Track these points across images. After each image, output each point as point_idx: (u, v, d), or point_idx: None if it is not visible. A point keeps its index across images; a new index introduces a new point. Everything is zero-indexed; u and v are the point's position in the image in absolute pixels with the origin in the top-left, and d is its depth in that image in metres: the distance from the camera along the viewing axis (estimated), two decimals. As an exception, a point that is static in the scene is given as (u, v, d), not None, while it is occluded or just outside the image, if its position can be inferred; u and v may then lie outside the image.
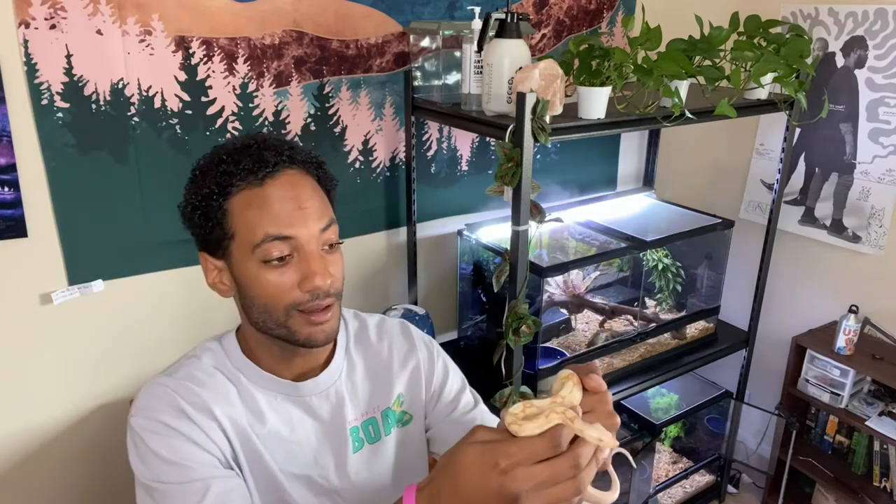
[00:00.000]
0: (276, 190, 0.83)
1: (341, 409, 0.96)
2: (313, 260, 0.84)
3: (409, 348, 1.04)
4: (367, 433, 0.98)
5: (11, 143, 1.43)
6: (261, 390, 0.92)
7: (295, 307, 0.85)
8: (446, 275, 2.21)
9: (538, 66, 1.45)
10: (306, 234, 0.84)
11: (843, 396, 2.16)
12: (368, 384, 1.00)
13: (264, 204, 0.83)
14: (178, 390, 0.86)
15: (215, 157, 0.86)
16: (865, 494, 2.19)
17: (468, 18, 1.70)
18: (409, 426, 1.03)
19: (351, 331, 1.03)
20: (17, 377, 1.60)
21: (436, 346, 1.09)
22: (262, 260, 0.83)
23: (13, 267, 1.52)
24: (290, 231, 0.83)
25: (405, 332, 1.06)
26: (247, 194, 0.83)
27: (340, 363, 0.98)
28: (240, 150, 0.85)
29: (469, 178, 2.15)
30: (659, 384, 2.14)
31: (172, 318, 1.76)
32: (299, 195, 0.84)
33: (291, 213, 0.83)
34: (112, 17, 1.47)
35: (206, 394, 0.88)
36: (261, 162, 0.84)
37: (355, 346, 1.02)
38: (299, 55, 1.72)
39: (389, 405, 1.00)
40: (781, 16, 2.31)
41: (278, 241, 0.82)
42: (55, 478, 1.73)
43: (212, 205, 0.84)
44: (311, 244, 0.84)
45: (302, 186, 0.86)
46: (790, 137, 2.12)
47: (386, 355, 1.03)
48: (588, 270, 2.10)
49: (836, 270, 2.33)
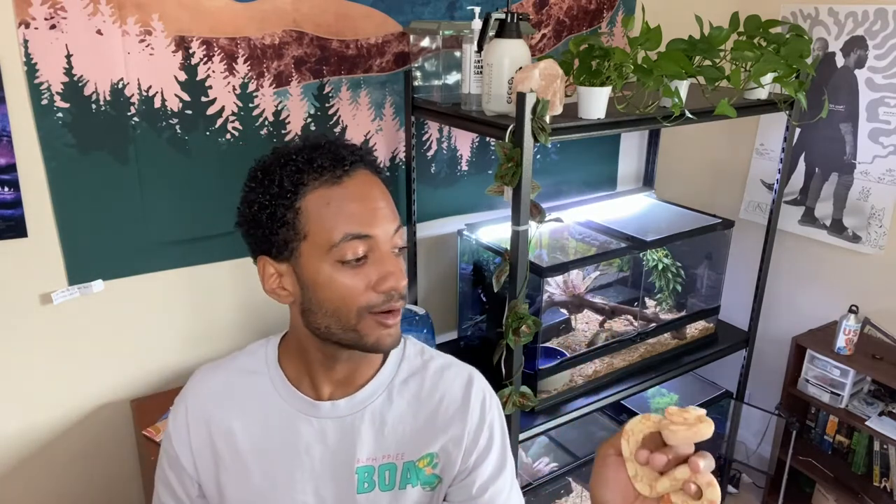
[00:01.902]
0: (355, 188, 0.81)
1: (353, 442, 0.90)
2: (390, 260, 0.82)
3: (462, 407, 0.94)
4: (382, 478, 0.91)
5: (11, 143, 1.43)
6: (281, 403, 0.91)
7: (368, 309, 0.82)
8: (446, 275, 2.21)
9: (538, 66, 1.45)
10: (383, 234, 0.82)
11: (843, 396, 2.15)
12: (402, 428, 0.92)
13: (343, 202, 0.80)
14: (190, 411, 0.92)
15: (281, 157, 0.83)
16: (865, 494, 2.19)
17: (468, 18, 1.70)
18: (437, 491, 0.94)
19: (405, 368, 0.95)
20: (17, 377, 1.60)
21: (492, 413, 0.96)
22: (337, 260, 0.80)
23: (13, 267, 1.52)
24: (370, 230, 0.80)
25: (467, 386, 0.95)
26: (324, 192, 0.80)
27: (371, 395, 0.91)
28: (311, 149, 0.83)
29: (469, 178, 2.15)
30: (659, 384, 2.14)
31: (172, 319, 1.76)
32: (375, 195, 0.83)
33: (370, 212, 0.81)
34: (112, 17, 1.47)
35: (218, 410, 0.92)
36: (338, 160, 0.82)
37: (403, 384, 0.94)
38: (299, 55, 1.72)
39: (415, 460, 0.92)
40: (781, 16, 2.31)
41: (357, 241, 0.80)
42: (56, 477, 1.73)
43: (283, 204, 0.81)
44: (386, 245, 0.82)
45: (376, 186, 0.84)
46: (790, 137, 2.12)
47: (434, 407, 0.93)
48: (588, 270, 2.10)
49: (836, 270, 2.33)
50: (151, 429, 1.63)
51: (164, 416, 1.67)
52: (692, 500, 0.60)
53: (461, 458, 0.93)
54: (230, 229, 1.69)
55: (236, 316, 1.85)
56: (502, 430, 0.97)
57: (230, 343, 1.85)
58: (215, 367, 0.96)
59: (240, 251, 1.83)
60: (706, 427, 0.60)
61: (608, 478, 0.65)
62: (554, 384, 1.90)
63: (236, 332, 1.86)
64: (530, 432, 1.79)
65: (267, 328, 1.87)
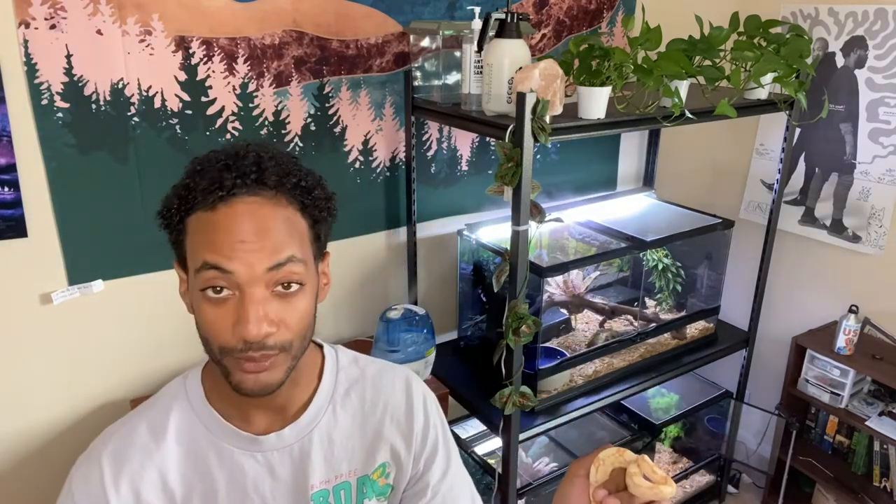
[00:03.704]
0: (225, 219, 0.74)
1: (304, 469, 0.86)
2: (250, 304, 0.73)
3: (407, 412, 0.92)
4: (338, 498, 0.88)
5: (11, 143, 1.43)
6: (218, 442, 0.84)
7: (227, 353, 0.75)
8: (446, 275, 2.21)
9: (538, 66, 1.45)
10: (246, 272, 0.73)
11: (843, 396, 2.16)
12: (350, 444, 0.89)
13: (209, 230, 0.74)
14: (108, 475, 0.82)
15: (191, 167, 0.79)
16: (865, 494, 2.19)
17: (468, 18, 1.70)
18: (390, 499, 0.92)
19: (342, 380, 0.91)
20: (17, 377, 1.60)
21: (432, 411, 0.96)
22: (200, 288, 0.75)
23: (13, 267, 1.52)
24: (228, 265, 0.73)
25: (408, 389, 0.94)
26: (199, 216, 0.75)
27: (315, 416, 0.87)
28: (208, 167, 0.76)
29: (469, 178, 2.15)
30: (659, 384, 2.14)
31: (172, 319, 1.76)
32: (252, 227, 0.74)
33: (234, 245, 0.73)
34: (112, 17, 1.47)
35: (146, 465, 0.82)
36: (217, 183, 0.74)
37: (344, 399, 0.90)
38: (299, 55, 1.72)
39: (368, 473, 0.90)
40: (781, 16, 2.31)
41: (213, 271, 0.73)
42: (55, 478, 1.73)
43: (173, 218, 0.78)
44: (252, 285, 0.73)
45: (259, 218, 0.74)
46: (790, 137, 2.12)
47: (379, 416, 0.91)
48: (588, 270, 2.10)
49: (836, 270, 2.33)
50: (151, 429, 1.63)
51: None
52: None
53: (412, 462, 0.92)
54: (230, 229, 1.70)
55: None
56: (443, 426, 0.98)
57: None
58: (122, 425, 0.85)
59: (240, 251, 1.84)
60: (669, 490, 0.66)
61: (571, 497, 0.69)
62: (554, 384, 1.90)
63: (236, 332, 1.86)
64: (530, 432, 1.79)
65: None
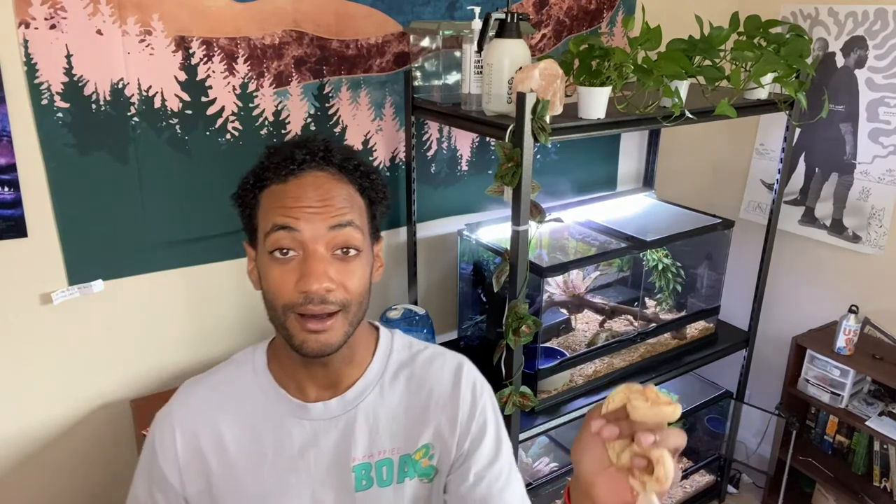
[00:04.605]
0: (296, 187, 0.84)
1: (348, 441, 0.90)
2: (313, 260, 0.81)
3: (452, 395, 0.94)
4: (379, 474, 0.91)
5: (11, 143, 1.43)
6: (272, 407, 0.91)
7: (290, 308, 0.83)
8: (446, 275, 2.21)
9: (538, 66, 1.45)
10: (311, 230, 0.82)
11: (843, 396, 2.16)
12: (395, 423, 0.93)
13: (281, 197, 0.84)
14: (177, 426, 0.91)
15: (264, 152, 0.90)
16: (865, 494, 2.19)
17: (468, 18, 1.70)
18: (435, 483, 0.94)
19: (394, 362, 0.96)
20: (17, 377, 1.60)
21: (483, 399, 0.97)
22: (269, 251, 0.83)
23: (13, 267, 1.51)
24: (295, 223, 0.82)
25: (456, 373, 0.96)
26: (272, 188, 0.85)
27: (362, 392, 0.92)
28: (280, 148, 0.88)
29: (469, 178, 2.15)
30: (659, 384, 2.14)
31: (172, 319, 1.76)
32: (317, 194, 0.84)
33: (301, 207, 0.83)
34: (112, 17, 1.47)
35: (206, 422, 0.91)
36: (289, 159, 0.85)
37: (392, 379, 0.94)
38: (299, 55, 1.72)
39: (410, 453, 0.93)
40: (781, 16, 2.31)
41: (282, 231, 0.82)
42: (55, 478, 1.73)
43: (248, 196, 0.88)
44: (316, 243, 0.82)
45: (325, 187, 0.85)
46: (790, 137, 2.12)
47: (424, 397, 0.94)
48: (588, 270, 2.10)
49: (836, 270, 2.33)
50: (151, 429, 1.63)
51: (164, 416, 1.67)
52: (646, 474, 0.62)
53: (455, 445, 0.93)
54: (230, 229, 1.71)
55: (236, 316, 1.85)
56: (496, 417, 0.98)
57: (230, 343, 1.85)
58: (200, 379, 0.96)
59: (240, 251, 1.82)
60: (670, 409, 0.61)
61: (586, 441, 0.67)
62: (554, 384, 1.90)
63: (236, 332, 1.86)
64: (530, 432, 1.79)
65: (267, 328, 1.86)
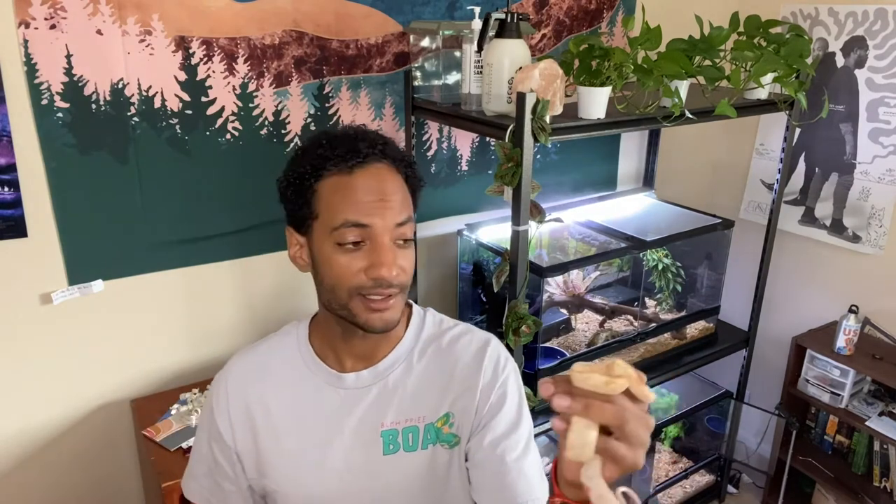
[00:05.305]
0: (363, 180, 0.89)
1: (378, 408, 0.98)
2: (384, 250, 0.88)
3: (474, 366, 0.99)
4: (406, 439, 0.98)
5: (11, 143, 1.43)
6: (312, 377, 0.99)
7: (358, 291, 0.89)
8: (446, 275, 2.21)
9: (538, 66, 1.45)
10: (381, 224, 0.88)
11: (843, 396, 2.16)
12: (421, 393, 0.99)
13: (349, 191, 0.88)
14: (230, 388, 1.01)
15: (316, 140, 0.92)
16: (865, 494, 2.19)
17: (468, 18, 1.70)
18: (456, 450, 0.99)
19: (424, 337, 1.03)
20: (17, 377, 1.60)
21: (505, 373, 1.01)
22: (336, 242, 0.88)
23: (13, 267, 1.52)
24: (368, 220, 0.87)
25: (482, 348, 1.01)
26: (336, 179, 0.89)
27: (392, 364, 0.99)
28: (339, 138, 0.91)
29: (469, 178, 2.15)
30: (659, 384, 2.14)
31: (172, 318, 1.76)
32: (383, 188, 0.89)
33: (372, 203, 0.88)
34: (112, 17, 1.47)
35: (254, 387, 1.00)
36: (354, 151, 0.89)
37: (421, 353, 1.01)
38: (299, 55, 1.72)
39: (433, 421, 0.98)
40: (781, 16, 2.31)
41: (355, 228, 0.87)
42: (55, 478, 1.73)
43: (304, 184, 0.90)
44: (384, 235, 0.88)
45: (388, 180, 0.90)
46: (790, 137, 2.12)
47: (449, 369, 1.00)
48: (588, 270, 2.10)
49: (836, 270, 2.33)
50: (151, 429, 1.62)
51: (164, 416, 1.67)
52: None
53: (474, 413, 0.98)
54: (230, 229, 1.70)
55: (236, 316, 1.85)
56: (519, 392, 1.02)
57: (230, 343, 1.85)
58: (251, 349, 1.05)
59: (240, 251, 1.84)
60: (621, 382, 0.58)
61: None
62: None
63: (236, 332, 1.86)
64: (530, 432, 1.79)
65: (267, 328, 1.87)
